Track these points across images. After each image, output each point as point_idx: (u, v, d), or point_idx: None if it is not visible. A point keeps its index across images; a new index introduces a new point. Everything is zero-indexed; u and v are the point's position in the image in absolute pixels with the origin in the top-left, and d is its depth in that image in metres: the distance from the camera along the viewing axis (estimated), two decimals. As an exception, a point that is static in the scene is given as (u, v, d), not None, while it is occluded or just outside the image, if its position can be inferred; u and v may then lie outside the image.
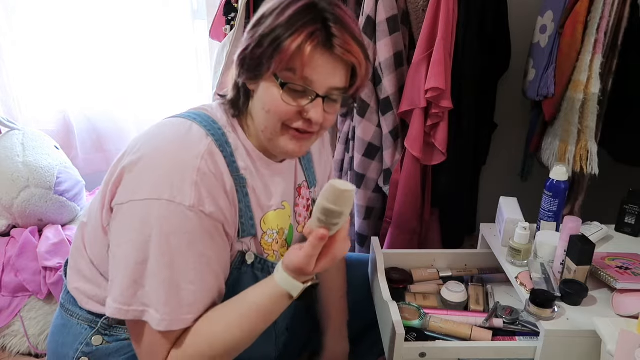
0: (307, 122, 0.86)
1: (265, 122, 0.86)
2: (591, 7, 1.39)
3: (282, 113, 0.85)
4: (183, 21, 1.84)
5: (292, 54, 0.80)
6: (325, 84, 0.83)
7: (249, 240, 0.90)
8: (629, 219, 1.39)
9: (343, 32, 0.82)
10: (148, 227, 0.78)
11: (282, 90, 0.83)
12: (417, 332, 1.11)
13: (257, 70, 0.83)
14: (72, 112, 1.84)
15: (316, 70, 0.82)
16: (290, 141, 0.88)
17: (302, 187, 1.04)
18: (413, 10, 1.52)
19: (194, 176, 0.79)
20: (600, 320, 1.00)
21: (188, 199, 0.78)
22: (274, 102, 0.84)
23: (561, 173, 1.26)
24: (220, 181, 0.83)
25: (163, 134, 0.86)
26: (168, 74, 1.88)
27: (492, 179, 1.90)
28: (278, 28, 0.80)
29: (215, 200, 0.82)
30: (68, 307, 0.95)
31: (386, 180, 1.62)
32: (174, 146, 0.83)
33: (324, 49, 0.81)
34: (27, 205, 1.53)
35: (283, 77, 0.82)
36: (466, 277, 1.34)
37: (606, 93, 1.47)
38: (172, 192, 0.78)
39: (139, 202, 0.79)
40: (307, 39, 0.79)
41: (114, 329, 0.91)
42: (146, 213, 0.78)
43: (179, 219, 0.78)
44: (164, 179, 0.79)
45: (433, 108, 1.48)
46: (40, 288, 1.48)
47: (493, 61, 1.63)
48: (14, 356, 1.47)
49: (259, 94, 0.86)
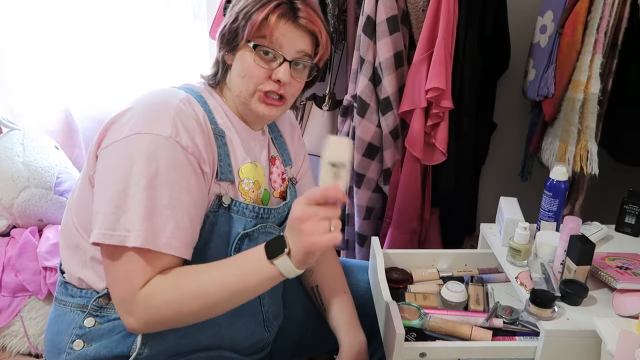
0: (276, 83, 0.97)
1: (240, 87, 0.98)
2: (591, 7, 1.39)
3: (253, 75, 0.96)
4: (183, 21, 1.84)
5: (260, 23, 0.94)
6: (292, 49, 0.97)
7: (227, 185, 0.97)
8: (629, 219, 1.39)
9: (305, 5, 0.97)
10: (129, 158, 0.85)
11: (254, 52, 0.95)
12: (417, 332, 1.11)
13: (234, 41, 0.97)
14: (75, 111, 1.84)
15: (284, 37, 0.96)
16: (260, 104, 0.99)
17: (275, 158, 1.13)
18: (413, 10, 1.52)
19: (171, 112, 0.88)
20: (600, 320, 1.00)
21: (165, 131, 0.86)
22: (247, 66, 0.97)
23: (561, 173, 1.25)
24: (197, 121, 0.92)
25: (145, 94, 0.96)
26: (168, 73, 1.88)
27: (492, 179, 1.90)
28: (249, 5, 0.95)
29: (192, 136, 0.89)
30: (61, 298, 0.99)
31: (386, 180, 1.62)
32: (156, 96, 0.93)
33: (289, 19, 0.95)
34: (27, 205, 1.53)
35: (255, 42, 0.96)
36: (466, 277, 1.34)
37: (606, 93, 1.47)
38: (151, 126, 0.86)
39: (121, 140, 0.86)
40: (273, 9, 0.94)
41: (104, 310, 0.95)
42: (128, 146, 0.86)
43: (157, 147, 0.85)
44: (145, 118, 0.88)
45: (433, 108, 1.48)
46: (40, 288, 1.48)
47: (493, 61, 1.63)
48: (14, 356, 1.47)
49: (235, 64, 0.99)
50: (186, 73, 1.89)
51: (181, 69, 1.88)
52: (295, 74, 1.00)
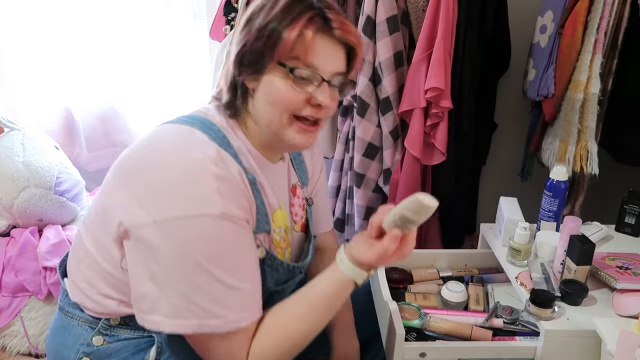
0: (314, 108, 0.86)
1: (271, 115, 0.86)
2: (591, 7, 1.39)
3: (289, 102, 0.84)
4: (184, 21, 1.84)
5: (294, 41, 0.81)
6: (328, 68, 0.85)
7: (262, 236, 0.90)
8: (629, 219, 1.39)
9: (337, 15, 0.85)
10: (184, 245, 0.77)
11: (291, 75, 0.83)
12: (417, 332, 1.11)
13: (259, 63, 0.83)
14: (76, 110, 1.85)
15: (319, 55, 0.83)
16: (297, 134, 0.87)
17: (296, 187, 1.06)
18: (413, 10, 1.52)
19: (213, 184, 0.78)
20: (600, 320, 1.00)
21: (215, 209, 0.77)
22: (280, 92, 0.84)
23: (561, 173, 1.26)
24: (237, 182, 0.83)
25: (165, 143, 0.85)
26: (168, 74, 1.88)
27: (492, 179, 1.90)
28: (275, 19, 0.82)
29: (239, 201, 0.82)
30: (67, 309, 0.95)
31: (386, 180, 1.62)
32: (183, 156, 0.81)
33: (324, 33, 0.83)
34: (27, 205, 1.53)
35: (290, 64, 0.83)
36: (466, 277, 1.34)
37: (606, 93, 1.47)
38: (199, 206, 0.77)
39: (168, 222, 0.77)
40: (307, 24, 0.81)
41: (115, 329, 0.92)
42: (178, 231, 0.77)
43: (215, 230, 0.78)
44: (186, 193, 0.78)
45: (433, 108, 1.48)
46: (40, 288, 1.48)
47: (493, 61, 1.63)
48: (14, 356, 1.47)
49: (262, 89, 0.85)
50: (186, 73, 1.89)
51: (181, 69, 1.88)
52: (333, 94, 0.88)
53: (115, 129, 1.92)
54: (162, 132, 0.88)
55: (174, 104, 1.91)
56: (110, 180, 0.86)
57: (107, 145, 1.95)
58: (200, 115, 0.90)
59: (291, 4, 0.83)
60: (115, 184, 0.85)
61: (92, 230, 0.88)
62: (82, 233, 0.92)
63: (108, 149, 1.95)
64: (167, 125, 0.90)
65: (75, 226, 1.62)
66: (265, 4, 0.85)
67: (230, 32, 1.58)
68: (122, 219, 0.80)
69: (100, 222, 0.85)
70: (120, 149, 1.96)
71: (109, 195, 0.85)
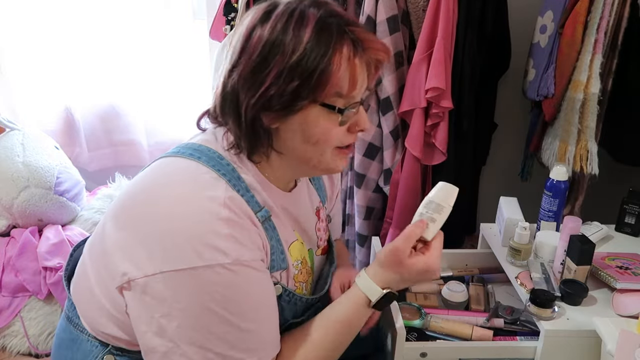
0: (355, 133, 0.83)
1: (311, 154, 0.81)
2: (591, 7, 1.39)
3: (335, 138, 0.80)
4: (184, 21, 1.84)
5: (341, 74, 0.75)
6: (362, 90, 0.81)
7: (279, 273, 0.86)
8: (629, 219, 1.39)
9: (365, 33, 0.78)
10: (197, 295, 0.73)
11: (341, 116, 0.78)
12: (418, 332, 1.11)
13: (292, 106, 0.75)
14: (76, 110, 1.85)
15: (357, 83, 0.78)
16: (340, 160, 0.84)
17: (319, 209, 1.01)
18: (413, 10, 1.52)
19: (225, 230, 0.73)
20: (600, 320, 1.00)
21: (229, 257, 0.73)
22: (324, 131, 0.78)
23: (561, 173, 1.26)
24: (248, 224, 0.78)
25: (170, 186, 0.79)
26: (168, 73, 1.88)
27: (492, 179, 1.90)
28: (305, 56, 0.73)
29: (251, 243, 0.78)
30: (76, 321, 0.90)
31: (386, 180, 1.62)
32: (191, 203, 0.75)
33: (358, 58, 0.77)
34: (27, 205, 1.53)
35: (332, 101, 0.77)
36: (467, 277, 1.34)
37: (606, 93, 1.47)
38: (210, 255, 0.72)
39: (176, 273, 0.72)
40: (350, 52, 0.75)
41: (127, 351, 0.87)
42: (190, 282, 0.73)
43: (228, 277, 0.74)
44: (196, 243, 0.72)
45: (433, 108, 1.48)
46: (40, 288, 1.47)
47: (493, 61, 1.63)
48: (14, 356, 1.47)
49: (295, 128, 0.78)
50: (186, 73, 1.89)
51: (181, 69, 1.88)
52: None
53: (116, 128, 1.92)
54: (166, 169, 0.83)
55: (174, 104, 1.91)
56: (113, 223, 0.81)
57: (108, 144, 1.95)
58: (205, 146, 0.83)
59: (320, 30, 0.74)
60: (118, 228, 0.79)
61: (98, 273, 0.83)
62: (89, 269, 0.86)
63: (108, 148, 1.95)
64: (170, 159, 0.84)
65: (75, 226, 1.61)
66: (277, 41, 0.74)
67: (230, 32, 1.58)
68: (126, 270, 0.75)
69: (104, 266, 0.81)
70: (120, 148, 1.96)
71: (112, 239, 0.79)
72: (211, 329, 0.74)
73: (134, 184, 0.84)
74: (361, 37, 0.77)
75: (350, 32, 0.77)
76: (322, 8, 0.78)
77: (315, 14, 0.76)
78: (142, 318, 0.76)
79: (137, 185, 0.83)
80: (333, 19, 0.77)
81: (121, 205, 0.83)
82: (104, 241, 0.81)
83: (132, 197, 0.82)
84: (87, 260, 0.87)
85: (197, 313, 0.74)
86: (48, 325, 1.47)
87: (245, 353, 0.77)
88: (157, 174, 0.83)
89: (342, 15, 0.79)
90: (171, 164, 0.83)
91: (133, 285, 0.75)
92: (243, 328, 0.76)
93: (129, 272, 0.75)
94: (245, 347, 0.77)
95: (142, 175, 0.85)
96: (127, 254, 0.76)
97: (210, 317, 0.74)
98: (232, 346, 0.76)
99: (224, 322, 0.75)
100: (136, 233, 0.76)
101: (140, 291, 0.74)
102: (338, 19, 0.77)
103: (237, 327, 0.76)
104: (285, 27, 0.75)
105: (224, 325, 0.75)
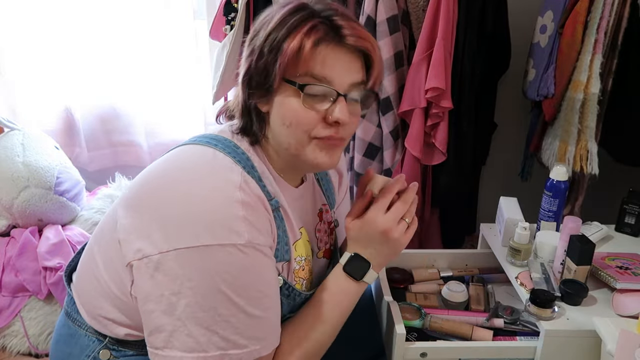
0: (333, 126, 0.81)
1: (288, 138, 0.82)
2: (591, 7, 1.39)
3: (305, 122, 0.80)
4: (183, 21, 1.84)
5: (295, 53, 0.76)
6: (344, 80, 0.79)
7: (281, 265, 0.87)
8: (629, 219, 1.39)
9: (348, 20, 0.79)
10: (208, 275, 0.74)
11: (302, 93, 0.78)
12: (417, 332, 1.11)
13: (266, 82, 0.79)
14: (76, 110, 1.85)
15: (332, 67, 0.78)
16: (319, 152, 0.83)
17: (322, 211, 1.01)
18: (413, 10, 1.52)
19: (240, 212, 0.75)
20: (600, 320, 1.00)
21: (243, 237, 0.75)
22: (294, 112, 0.79)
23: (561, 173, 1.26)
24: (261, 208, 0.80)
25: (187, 170, 0.81)
26: (168, 74, 1.88)
27: (492, 179, 1.90)
28: (273, 32, 0.77)
29: (263, 228, 0.79)
30: (75, 316, 0.91)
31: (386, 180, 1.62)
32: (207, 182, 0.78)
33: (334, 43, 0.78)
34: (27, 206, 1.53)
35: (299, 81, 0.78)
36: (467, 277, 1.34)
37: (606, 93, 1.47)
38: (225, 235, 0.74)
39: (190, 251, 0.74)
40: (308, 33, 0.76)
41: (123, 344, 0.88)
42: (202, 260, 0.74)
43: (240, 259, 0.75)
44: (211, 222, 0.74)
45: (433, 108, 1.48)
46: (40, 288, 1.47)
47: (493, 61, 1.63)
48: (14, 356, 1.47)
49: (275, 111, 0.81)
50: (186, 73, 1.89)
51: (181, 69, 1.88)
52: (352, 109, 0.82)
53: (115, 128, 1.92)
54: (183, 154, 0.85)
55: (174, 104, 1.91)
56: (128, 203, 0.82)
57: (107, 145, 1.94)
58: (222, 136, 0.86)
59: (291, 13, 0.78)
60: (134, 210, 0.80)
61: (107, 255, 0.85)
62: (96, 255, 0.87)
63: (108, 149, 1.95)
64: (186, 147, 0.86)
65: (75, 226, 1.61)
66: (264, 20, 0.80)
67: (230, 32, 1.57)
68: (141, 246, 0.76)
69: (116, 247, 0.81)
70: (120, 149, 1.96)
71: (127, 220, 0.80)
72: (219, 310, 0.75)
73: (151, 170, 0.86)
74: (343, 24, 0.78)
75: (327, 17, 0.78)
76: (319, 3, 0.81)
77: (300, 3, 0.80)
78: (151, 296, 0.76)
79: (155, 170, 0.85)
80: (315, 6, 0.79)
81: (138, 188, 0.84)
82: (117, 223, 0.81)
83: (149, 181, 0.83)
84: (95, 246, 0.88)
85: (206, 292, 0.74)
86: (48, 325, 1.47)
87: (249, 340, 0.78)
88: (175, 159, 0.85)
89: (330, 5, 0.81)
90: (189, 150, 0.85)
91: (146, 262, 0.76)
92: (249, 313, 0.77)
93: (144, 249, 0.76)
94: (249, 334, 0.78)
95: (159, 162, 0.87)
96: (143, 233, 0.77)
97: (219, 297, 0.75)
98: (237, 331, 0.76)
99: (232, 305, 0.75)
100: (152, 214, 0.77)
101: (153, 268, 0.75)
102: (321, 6, 0.79)
103: (243, 311, 0.76)
104: (271, 13, 0.80)
105: (232, 307, 0.75)
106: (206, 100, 1.81)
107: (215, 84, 1.64)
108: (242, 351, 0.77)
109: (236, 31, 1.54)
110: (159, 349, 0.77)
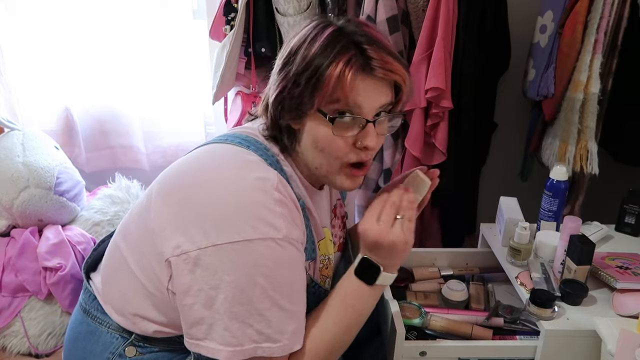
0: (362, 151, 0.85)
1: (320, 160, 0.86)
2: (591, 7, 1.39)
3: (336, 149, 0.84)
4: (183, 21, 1.84)
5: (333, 86, 0.78)
6: (372, 106, 0.83)
7: (308, 263, 0.89)
8: (629, 219, 1.39)
9: (379, 51, 0.81)
10: (247, 268, 0.77)
11: (332, 124, 0.81)
12: (417, 331, 1.11)
13: (299, 109, 0.82)
14: (75, 110, 1.85)
15: (361, 96, 0.81)
16: (346, 180, 0.88)
17: (337, 206, 1.05)
18: (413, 10, 1.52)
19: (277, 208, 0.79)
20: (600, 320, 1.00)
21: (279, 232, 0.78)
22: (325, 139, 0.83)
23: (561, 173, 1.26)
24: (294, 207, 0.83)
25: (221, 165, 0.84)
26: (168, 74, 1.88)
27: (492, 179, 1.90)
28: (312, 62, 0.79)
29: (297, 225, 0.83)
30: (96, 314, 0.92)
31: (386, 180, 1.62)
32: (245, 179, 0.80)
33: (364, 74, 0.80)
34: (27, 206, 1.53)
35: (329, 110, 0.81)
36: (467, 276, 1.34)
37: (606, 93, 1.47)
38: (263, 229, 0.77)
39: (229, 245, 0.76)
40: (345, 67, 0.78)
41: (149, 341, 0.89)
42: (242, 254, 0.76)
43: (278, 253, 0.78)
44: (250, 218, 0.77)
45: (433, 108, 1.48)
46: (40, 288, 1.47)
47: (493, 61, 1.63)
48: (14, 356, 1.47)
49: (308, 132, 0.85)
50: (186, 73, 1.89)
51: (181, 69, 1.89)
52: (380, 130, 0.86)
53: (114, 130, 1.92)
54: (217, 154, 0.87)
55: (174, 105, 1.91)
56: (160, 200, 0.84)
57: (105, 146, 1.94)
58: (253, 138, 0.89)
59: (330, 42, 0.80)
60: (167, 205, 0.82)
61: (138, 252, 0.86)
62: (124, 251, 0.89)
63: (105, 150, 1.94)
64: (219, 145, 0.89)
65: (75, 226, 1.61)
66: (303, 41, 0.82)
67: (230, 32, 1.58)
68: (179, 242, 0.78)
69: (149, 243, 0.83)
70: (118, 150, 1.95)
71: (160, 215, 0.82)
72: (255, 304, 0.77)
73: (183, 164, 0.88)
74: (373, 56, 0.80)
75: (364, 48, 0.80)
76: (350, 24, 0.83)
77: (336, 27, 0.82)
78: (190, 291, 0.78)
79: (186, 167, 0.87)
80: (351, 35, 0.81)
81: (167, 182, 0.86)
82: (149, 220, 0.83)
83: (184, 176, 0.85)
84: (121, 243, 0.90)
85: (244, 286, 0.76)
86: (48, 325, 1.47)
87: (280, 335, 0.79)
88: (208, 157, 0.88)
89: (365, 33, 0.82)
90: (221, 149, 0.88)
91: (184, 259, 0.78)
92: (282, 306, 0.79)
93: (182, 245, 0.78)
94: (280, 329, 0.79)
95: (189, 158, 0.89)
96: (180, 229, 0.79)
97: (256, 291, 0.77)
98: (270, 325, 0.78)
99: (267, 298, 0.77)
100: (190, 210, 0.80)
101: (192, 263, 0.77)
102: (355, 36, 0.81)
103: (277, 305, 0.78)
104: (307, 37, 0.82)
105: (267, 301, 0.78)
106: (206, 101, 1.82)
107: (215, 84, 1.64)
108: (275, 345, 0.79)
109: (236, 31, 1.55)
110: (200, 340, 0.79)
